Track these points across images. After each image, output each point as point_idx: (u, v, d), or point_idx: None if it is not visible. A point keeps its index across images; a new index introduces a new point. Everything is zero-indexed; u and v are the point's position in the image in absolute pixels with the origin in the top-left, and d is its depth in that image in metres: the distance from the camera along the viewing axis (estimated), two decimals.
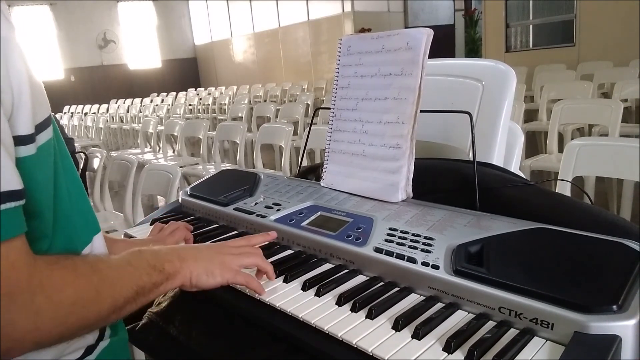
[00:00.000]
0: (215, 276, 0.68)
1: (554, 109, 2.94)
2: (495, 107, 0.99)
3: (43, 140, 0.56)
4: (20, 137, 0.52)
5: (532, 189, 0.88)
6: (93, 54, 13.07)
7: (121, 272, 0.60)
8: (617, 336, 0.49)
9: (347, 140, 0.98)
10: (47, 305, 0.50)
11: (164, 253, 0.66)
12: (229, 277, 0.69)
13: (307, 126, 4.49)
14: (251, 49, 12.27)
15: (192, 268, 0.67)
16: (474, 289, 0.60)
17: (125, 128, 7.79)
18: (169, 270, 0.64)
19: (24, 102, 0.52)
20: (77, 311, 0.53)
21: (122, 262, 0.61)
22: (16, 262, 0.48)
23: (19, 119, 0.51)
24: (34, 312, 0.49)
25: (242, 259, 0.72)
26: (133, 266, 0.61)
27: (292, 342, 0.63)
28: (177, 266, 0.65)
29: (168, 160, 4.27)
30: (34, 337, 0.49)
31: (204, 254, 0.70)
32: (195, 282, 0.67)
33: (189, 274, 0.66)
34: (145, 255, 0.64)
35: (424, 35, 0.87)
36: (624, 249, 0.61)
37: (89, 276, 0.56)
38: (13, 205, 0.48)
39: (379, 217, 0.81)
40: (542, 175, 2.90)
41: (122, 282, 0.59)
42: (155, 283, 0.62)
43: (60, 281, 0.52)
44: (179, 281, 0.65)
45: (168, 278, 0.63)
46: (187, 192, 1.13)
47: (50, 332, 0.51)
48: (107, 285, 0.57)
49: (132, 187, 2.46)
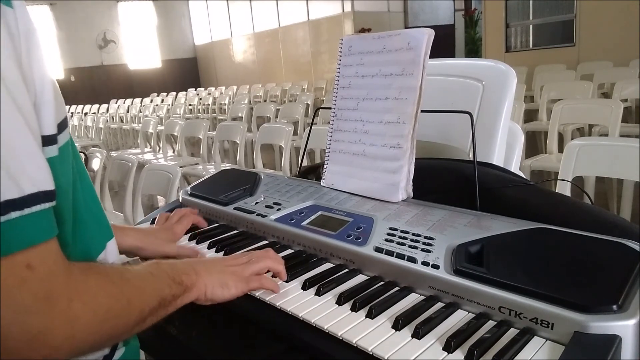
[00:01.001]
0: (230, 287, 0.67)
1: (554, 109, 2.94)
2: (495, 107, 0.99)
3: (63, 141, 0.54)
4: (45, 137, 0.50)
5: (532, 189, 0.88)
6: (93, 54, 13.07)
7: (146, 282, 0.59)
8: (617, 336, 0.49)
9: (348, 140, 0.98)
10: (83, 312, 0.48)
11: (180, 266, 0.66)
12: (243, 286, 0.69)
13: (307, 126, 4.50)
14: (251, 49, 12.27)
15: (207, 281, 0.66)
16: (474, 289, 0.60)
17: (125, 128, 7.79)
18: (186, 282, 0.63)
19: (46, 100, 0.50)
20: (110, 319, 0.51)
21: (145, 273, 0.60)
22: (54, 267, 0.47)
23: (44, 117, 0.50)
24: (71, 319, 0.47)
25: (251, 266, 0.71)
26: (155, 277, 0.60)
27: (292, 342, 0.63)
28: (193, 279, 0.64)
29: (168, 160, 4.27)
30: (70, 345, 0.47)
31: (215, 266, 0.70)
32: (210, 296, 0.66)
33: (203, 287, 0.65)
34: (163, 267, 0.63)
35: (425, 35, 0.87)
36: (624, 249, 0.61)
37: (120, 285, 0.54)
38: (47, 207, 0.46)
39: (379, 216, 0.81)
40: (542, 175, 2.90)
41: (148, 292, 0.58)
42: (174, 295, 0.61)
43: (95, 288, 0.51)
44: (194, 294, 0.64)
45: (185, 290, 0.63)
46: (188, 192, 1.13)
47: (85, 341, 0.49)
48: (136, 294, 0.56)
49: (132, 187, 2.46)
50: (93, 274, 0.52)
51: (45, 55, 0.51)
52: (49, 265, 0.46)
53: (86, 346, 0.50)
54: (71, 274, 0.49)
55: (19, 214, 0.43)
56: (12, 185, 0.43)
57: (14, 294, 0.43)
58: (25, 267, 0.44)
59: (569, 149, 1.57)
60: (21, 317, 0.43)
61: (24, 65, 0.47)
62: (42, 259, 0.45)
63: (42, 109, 0.49)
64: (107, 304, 0.51)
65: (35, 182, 0.45)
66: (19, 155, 0.44)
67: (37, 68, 0.49)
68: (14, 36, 0.46)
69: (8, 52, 0.45)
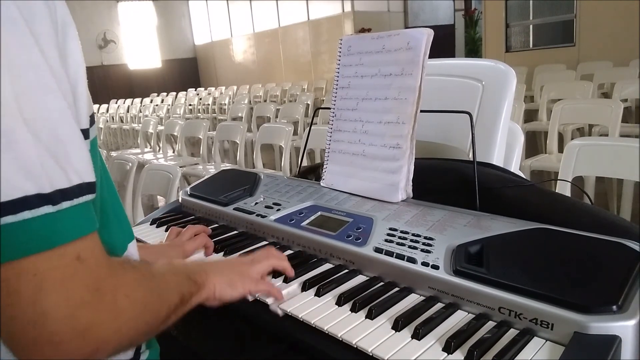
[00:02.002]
0: (237, 287, 0.67)
1: (554, 109, 2.93)
2: (495, 107, 0.99)
3: (93, 135, 0.53)
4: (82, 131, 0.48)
5: (532, 189, 0.88)
6: (93, 54, 13.06)
7: (168, 279, 0.58)
8: (617, 336, 0.49)
9: (347, 140, 0.98)
10: (127, 305, 0.47)
11: (191, 265, 0.67)
12: (251, 286, 0.69)
13: (307, 126, 4.49)
14: (251, 49, 12.26)
15: (216, 281, 0.65)
16: (473, 289, 0.60)
17: (125, 128, 7.79)
18: (199, 281, 0.63)
19: (79, 93, 0.49)
20: (147, 313, 0.51)
21: (166, 270, 0.60)
22: (101, 258, 0.46)
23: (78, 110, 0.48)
24: (117, 311, 0.46)
25: (258, 266, 0.72)
26: (174, 274, 0.60)
27: (292, 342, 0.63)
28: (203, 278, 0.64)
29: (168, 160, 4.27)
30: (118, 338, 0.46)
31: (223, 267, 0.70)
32: (219, 295, 0.65)
33: (212, 286, 0.65)
34: (178, 266, 0.64)
35: (425, 35, 0.87)
36: (624, 249, 0.61)
37: (151, 279, 0.54)
38: (90, 198, 0.45)
39: (379, 217, 0.81)
40: (542, 175, 2.90)
41: (172, 288, 0.57)
42: (192, 292, 0.60)
43: (133, 281, 0.50)
44: (204, 294, 0.64)
45: (199, 289, 0.62)
46: (187, 192, 1.13)
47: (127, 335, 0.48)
48: (164, 290, 0.56)
49: (132, 187, 2.45)
50: (130, 268, 0.52)
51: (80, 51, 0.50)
52: (97, 256, 0.45)
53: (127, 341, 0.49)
54: (114, 267, 0.48)
55: (70, 204, 0.43)
56: (62, 174, 0.42)
57: (67, 286, 0.42)
58: (76, 258, 0.43)
59: (569, 149, 1.57)
60: (73, 310, 0.42)
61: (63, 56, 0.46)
62: (91, 250, 0.45)
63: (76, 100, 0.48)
64: (145, 297, 0.51)
65: (80, 172, 0.44)
66: (65, 143, 0.44)
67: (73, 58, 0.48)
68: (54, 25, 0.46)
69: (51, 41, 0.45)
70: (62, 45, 0.47)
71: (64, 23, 0.48)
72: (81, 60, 0.50)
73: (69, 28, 0.48)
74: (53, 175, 0.42)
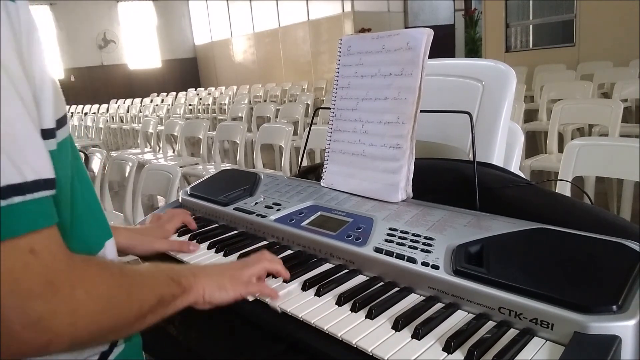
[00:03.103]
0: (228, 290, 0.68)
1: (554, 109, 2.94)
2: (495, 107, 0.99)
3: (62, 136, 0.55)
4: (44, 131, 0.51)
5: (532, 189, 0.88)
6: (93, 54, 13.07)
7: (145, 279, 0.59)
8: (617, 336, 0.49)
9: (347, 140, 0.98)
10: (85, 300, 0.48)
11: (178, 268, 0.67)
12: (242, 289, 0.69)
13: (307, 126, 4.49)
14: (251, 49, 12.26)
15: (205, 284, 0.66)
16: (473, 289, 0.60)
17: (125, 128, 7.79)
18: (185, 284, 0.63)
19: (46, 95, 0.51)
20: (110, 310, 0.52)
21: (144, 271, 0.61)
22: (57, 253, 0.47)
23: (43, 112, 0.50)
24: (73, 306, 0.47)
25: (249, 269, 0.72)
26: (154, 276, 0.61)
27: (292, 342, 0.63)
28: (191, 281, 0.65)
29: (168, 160, 4.27)
30: (72, 332, 0.48)
31: (213, 270, 0.70)
32: (208, 298, 0.66)
33: (202, 290, 0.65)
34: (162, 268, 0.64)
35: (424, 35, 0.87)
36: (624, 249, 0.61)
37: (120, 277, 0.55)
38: (47, 194, 0.47)
39: (379, 217, 0.81)
40: (542, 175, 2.90)
41: (147, 288, 0.58)
42: (174, 295, 0.61)
43: (96, 277, 0.51)
44: (192, 297, 0.64)
45: (184, 292, 0.63)
46: (187, 192, 1.13)
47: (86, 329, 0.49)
48: (136, 288, 0.56)
49: (132, 187, 2.46)
50: (94, 264, 0.53)
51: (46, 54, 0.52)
52: (52, 250, 0.47)
53: (87, 336, 0.50)
54: (73, 262, 0.49)
55: (21, 199, 0.44)
56: (14, 170, 0.44)
57: (18, 277, 0.44)
58: (29, 251, 0.45)
59: (569, 149, 1.57)
60: (24, 301, 0.44)
61: (24, 60, 0.48)
62: (46, 244, 0.46)
63: (41, 104, 0.50)
64: (108, 293, 0.52)
65: (36, 169, 0.46)
66: (20, 142, 0.45)
67: (38, 65, 0.50)
68: (15, 29, 0.47)
69: (10, 44, 0.46)
70: (26, 49, 0.49)
71: (28, 27, 0.49)
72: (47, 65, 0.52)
73: (33, 32, 0.50)
74: (5, 172, 0.43)
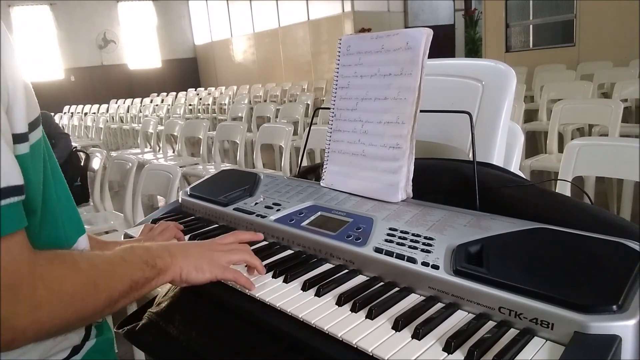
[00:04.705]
0: (205, 272, 0.70)
1: (554, 109, 2.94)
2: (495, 107, 0.99)
3: (35, 139, 0.57)
4: (16, 135, 0.52)
5: (532, 189, 0.88)
6: (93, 54, 13.07)
7: (116, 267, 0.62)
8: (617, 336, 0.49)
9: (347, 140, 0.98)
10: (47, 298, 0.51)
11: (155, 249, 0.69)
12: (218, 272, 0.71)
13: (307, 126, 4.49)
14: (251, 49, 12.26)
15: (182, 264, 0.69)
16: (474, 289, 0.60)
17: (125, 128, 7.79)
18: (160, 265, 0.66)
19: (19, 100, 0.53)
20: (76, 304, 0.55)
21: (117, 258, 0.63)
22: (18, 256, 0.50)
23: (15, 116, 0.52)
24: (35, 304, 0.50)
25: (229, 255, 0.74)
26: (127, 261, 0.63)
27: (292, 342, 0.63)
28: (167, 262, 0.67)
29: (168, 160, 4.27)
30: (35, 328, 0.51)
31: (193, 250, 0.72)
32: (185, 278, 0.69)
33: (179, 269, 0.68)
34: (137, 251, 0.66)
35: (424, 35, 0.87)
36: (624, 249, 0.61)
37: (87, 271, 0.57)
38: (15, 200, 0.49)
39: (379, 217, 0.81)
40: (542, 175, 2.90)
41: (118, 276, 0.61)
42: (147, 278, 0.64)
43: (60, 275, 0.54)
44: (169, 276, 0.67)
45: (159, 273, 0.66)
46: (187, 192, 1.13)
47: (50, 323, 0.52)
48: (104, 279, 0.59)
49: (132, 187, 2.46)
50: (58, 263, 0.55)
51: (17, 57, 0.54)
52: (13, 254, 0.49)
53: (52, 329, 0.54)
54: (36, 263, 0.52)
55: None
56: None
57: None
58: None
59: (569, 149, 1.57)
60: None
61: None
62: (7, 248, 0.48)
63: (13, 109, 0.52)
64: (72, 289, 0.54)
65: (5, 177, 0.48)
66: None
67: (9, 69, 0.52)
68: None
69: None
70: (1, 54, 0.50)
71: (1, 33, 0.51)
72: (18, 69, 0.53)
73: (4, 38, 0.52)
74: None
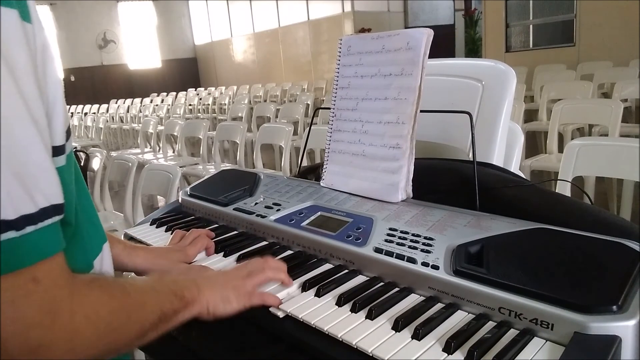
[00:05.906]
0: (232, 302, 0.67)
1: (554, 109, 2.94)
2: (495, 107, 0.99)
3: (69, 149, 0.55)
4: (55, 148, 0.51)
5: (532, 189, 0.88)
6: (93, 54, 13.07)
7: (147, 296, 0.59)
8: (617, 337, 0.49)
9: (347, 140, 0.98)
10: (85, 326, 0.48)
11: (183, 281, 0.66)
12: (245, 301, 0.68)
13: (307, 126, 4.49)
14: (251, 49, 12.27)
15: (209, 297, 0.65)
16: (473, 289, 0.60)
17: (125, 128, 7.79)
18: (188, 297, 0.63)
19: (57, 111, 0.51)
20: (110, 334, 0.51)
21: (147, 287, 0.60)
22: (58, 280, 0.47)
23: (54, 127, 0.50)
24: (72, 332, 0.47)
25: (253, 279, 0.71)
26: (156, 291, 0.61)
27: (292, 342, 0.63)
28: (194, 294, 0.64)
29: (168, 160, 4.27)
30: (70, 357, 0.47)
31: (217, 280, 0.69)
32: (212, 311, 0.65)
33: (205, 302, 0.65)
34: (166, 281, 0.64)
35: (424, 35, 0.87)
36: (624, 249, 0.60)
37: (121, 299, 0.54)
38: (57, 220, 0.47)
39: (379, 217, 0.81)
40: (542, 175, 2.90)
41: (149, 306, 0.58)
42: (175, 310, 0.61)
43: (97, 301, 0.51)
44: (196, 310, 0.64)
45: (186, 306, 0.62)
46: (187, 192, 1.13)
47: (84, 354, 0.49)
48: (137, 309, 0.56)
49: (132, 187, 2.46)
50: (96, 287, 0.52)
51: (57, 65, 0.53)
52: (53, 278, 0.46)
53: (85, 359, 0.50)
54: (75, 287, 0.49)
55: (34, 228, 0.44)
56: (27, 199, 0.44)
57: (18, 306, 0.43)
58: (31, 280, 0.44)
59: (569, 149, 1.57)
60: (24, 329, 0.43)
61: (39, 79, 0.48)
62: (48, 272, 0.46)
63: (53, 119, 0.50)
64: (108, 318, 0.51)
65: (47, 196, 0.46)
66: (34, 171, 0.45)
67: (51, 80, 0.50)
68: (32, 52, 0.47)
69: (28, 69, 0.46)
70: (42, 68, 0.49)
71: (43, 47, 0.50)
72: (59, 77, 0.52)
73: (47, 50, 0.50)
74: (19, 202, 0.43)
